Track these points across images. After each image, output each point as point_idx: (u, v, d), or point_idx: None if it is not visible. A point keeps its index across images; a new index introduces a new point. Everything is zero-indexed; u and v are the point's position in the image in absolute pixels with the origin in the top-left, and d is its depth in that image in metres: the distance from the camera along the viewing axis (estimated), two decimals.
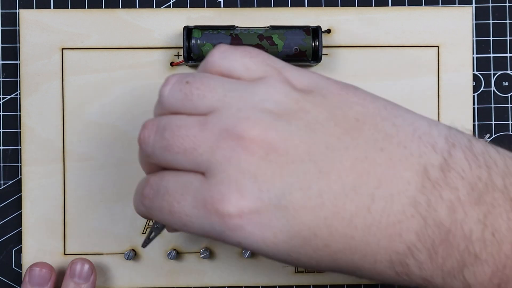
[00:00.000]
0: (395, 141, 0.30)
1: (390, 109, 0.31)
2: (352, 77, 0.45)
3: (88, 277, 0.43)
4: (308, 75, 0.32)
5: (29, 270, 0.43)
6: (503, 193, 0.29)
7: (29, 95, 0.44)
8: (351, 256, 0.30)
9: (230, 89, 0.31)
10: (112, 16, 0.45)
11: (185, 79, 0.31)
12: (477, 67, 0.46)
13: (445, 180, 0.29)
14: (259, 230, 0.29)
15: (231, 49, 0.32)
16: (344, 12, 0.45)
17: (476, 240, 0.29)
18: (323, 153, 0.30)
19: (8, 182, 0.45)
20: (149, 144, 0.32)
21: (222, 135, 0.30)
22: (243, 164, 0.29)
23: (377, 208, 0.29)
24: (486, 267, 0.29)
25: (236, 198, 0.29)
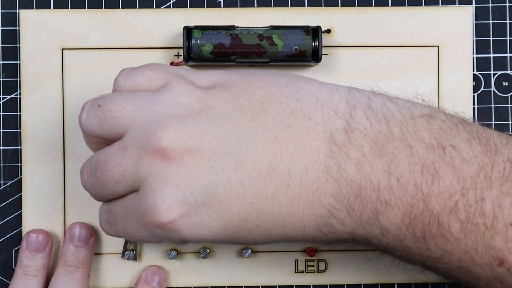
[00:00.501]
0: (300, 115, 0.32)
1: (291, 85, 0.34)
2: (352, 77, 0.45)
3: (88, 240, 0.43)
4: (210, 73, 0.35)
5: (26, 237, 0.43)
6: (401, 141, 0.32)
7: (29, 95, 0.44)
8: (282, 229, 0.33)
9: (138, 104, 0.33)
10: (112, 16, 0.45)
11: (97, 102, 0.34)
12: (477, 67, 0.46)
13: (350, 141, 0.32)
14: (195, 229, 0.32)
15: (132, 69, 0.35)
16: (344, 12, 0.45)
17: (384, 188, 0.32)
18: (235, 144, 0.32)
19: (8, 182, 0.45)
20: (90, 187, 0.35)
21: (140, 153, 0.32)
22: (163, 174, 0.31)
23: (295, 182, 0.32)
24: (396, 209, 0.32)
25: (164, 209, 0.31)
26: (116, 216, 0.34)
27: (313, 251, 0.45)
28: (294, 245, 0.45)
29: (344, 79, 0.45)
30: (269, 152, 0.32)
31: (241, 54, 0.42)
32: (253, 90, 0.33)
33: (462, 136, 0.33)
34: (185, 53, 0.42)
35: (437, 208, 0.32)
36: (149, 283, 0.43)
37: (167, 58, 0.45)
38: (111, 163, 0.33)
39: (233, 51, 0.42)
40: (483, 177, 0.32)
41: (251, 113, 0.32)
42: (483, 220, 0.32)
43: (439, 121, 0.33)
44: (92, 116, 0.34)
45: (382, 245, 0.34)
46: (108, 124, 0.33)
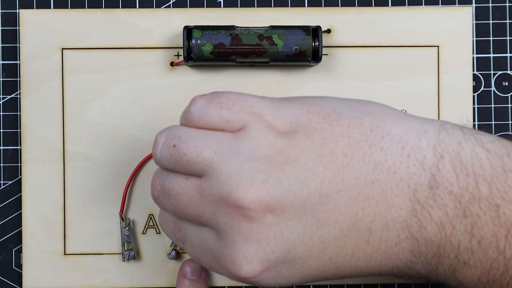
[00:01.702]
0: (385, 168, 0.31)
1: (376, 129, 0.32)
2: (352, 77, 0.45)
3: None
4: (288, 112, 0.33)
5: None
6: (488, 201, 0.31)
7: (29, 95, 0.44)
8: (357, 274, 0.33)
9: (216, 151, 0.32)
10: (112, 16, 0.45)
11: (172, 141, 0.33)
12: (477, 67, 0.46)
13: (434, 198, 0.31)
14: (273, 281, 0.32)
15: (206, 103, 0.33)
16: (344, 12, 0.45)
17: (464, 249, 0.31)
18: (317, 203, 0.31)
19: (8, 182, 0.45)
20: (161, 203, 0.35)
21: (219, 203, 0.32)
22: (244, 230, 0.31)
23: (375, 238, 0.32)
24: (474, 270, 0.32)
25: (245, 265, 0.31)
26: (188, 239, 0.34)
27: None
28: None
29: (344, 79, 0.45)
30: (351, 210, 0.31)
31: (241, 54, 0.42)
32: (335, 138, 0.32)
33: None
34: (185, 53, 0.42)
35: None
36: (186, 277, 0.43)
37: (167, 58, 0.45)
38: (186, 199, 0.33)
39: (233, 51, 0.42)
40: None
41: (334, 169, 0.31)
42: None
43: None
44: (167, 155, 0.33)
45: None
46: (184, 166, 0.33)
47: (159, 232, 0.45)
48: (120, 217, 0.44)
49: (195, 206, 0.32)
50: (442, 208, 0.31)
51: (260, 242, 0.31)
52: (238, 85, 0.45)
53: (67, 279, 0.44)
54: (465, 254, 0.31)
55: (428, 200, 0.31)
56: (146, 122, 0.45)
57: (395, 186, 0.31)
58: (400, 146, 0.32)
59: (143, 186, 0.45)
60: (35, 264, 0.44)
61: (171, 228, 0.36)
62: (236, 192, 0.31)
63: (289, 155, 0.31)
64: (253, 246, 0.31)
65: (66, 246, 0.45)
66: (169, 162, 0.33)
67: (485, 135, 0.33)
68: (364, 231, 0.31)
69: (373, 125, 0.32)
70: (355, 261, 0.32)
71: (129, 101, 0.45)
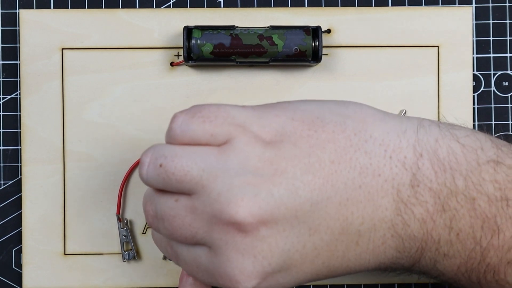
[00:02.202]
0: (370, 172, 0.32)
1: (359, 133, 0.33)
2: (352, 77, 0.45)
3: None
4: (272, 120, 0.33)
5: None
6: (464, 194, 0.32)
7: (29, 95, 0.44)
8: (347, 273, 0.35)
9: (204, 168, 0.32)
10: (112, 16, 0.45)
11: (158, 161, 0.33)
12: (477, 67, 0.46)
13: (415, 196, 0.32)
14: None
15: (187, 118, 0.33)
16: (344, 12, 0.45)
17: (444, 242, 0.33)
18: (309, 211, 0.32)
19: (8, 182, 0.45)
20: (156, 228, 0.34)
21: (212, 220, 0.32)
22: (239, 245, 0.31)
23: (364, 239, 0.33)
24: (454, 260, 0.33)
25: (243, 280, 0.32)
26: (181, 258, 0.34)
27: None
28: None
29: (344, 79, 0.45)
30: (341, 215, 0.32)
31: (241, 54, 0.42)
32: (322, 144, 0.32)
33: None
34: (185, 53, 0.42)
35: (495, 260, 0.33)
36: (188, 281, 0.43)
37: (167, 58, 0.45)
38: (179, 221, 0.33)
39: (233, 51, 0.42)
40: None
41: (323, 176, 0.32)
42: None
43: (506, 168, 0.33)
44: (154, 175, 0.33)
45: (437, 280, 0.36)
46: (173, 185, 0.32)
47: None
48: (117, 217, 0.44)
49: (189, 227, 0.32)
50: (423, 205, 0.32)
51: (256, 256, 0.32)
52: (238, 85, 0.45)
53: (67, 279, 0.44)
54: (445, 247, 0.33)
55: (410, 198, 0.32)
56: (146, 122, 0.45)
57: (380, 188, 0.32)
58: (382, 148, 0.33)
59: (142, 186, 0.45)
60: (35, 264, 0.44)
61: (164, 247, 0.36)
62: (227, 209, 0.31)
63: (278, 166, 0.32)
64: (250, 261, 0.32)
65: (66, 246, 0.45)
66: (157, 182, 0.33)
67: (460, 129, 0.34)
68: (354, 234, 0.32)
69: (356, 129, 0.33)
70: (346, 262, 0.33)
71: (129, 101, 0.45)
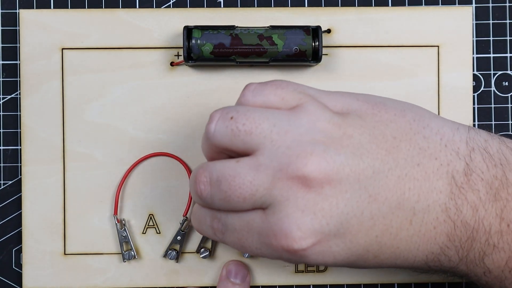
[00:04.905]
0: (427, 153, 0.34)
1: (418, 120, 0.34)
2: (352, 77, 0.45)
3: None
4: (340, 98, 0.35)
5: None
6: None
7: (29, 95, 0.44)
8: (394, 260, 0.34)
9: (275, 123, 0.32)
10: (112, 16, 0.45)
11: (228, 114, 0.33)
12: (477, 67, 0.46)
13: (468, 183, 0.33)
14: (321, 256, 0.33)
15: (261, 85, 0.34)
16: (344, 12, 0.45)
17: (495, 232, 0.33)
18: (371, 178, 0.32)
19: (8, 182, 0.45)
20: (207, 197, 0.34)
21: (276, 176, 0.32)
22: (300, 201, 0.32)
23: (417, 219, 0.33)
24: (503, 253, 0.34)
25: (299, 236, 0.32)
26: (230, 227, 0.34)
27: None
28: None
29: (344, 79, 0.45)
30: (399, 188, 0.33)
31: (241, 54, 0.42)
32: (385, 122, 0.34)
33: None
34: (185, 53, 0.42)
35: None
36: (229, 279, 0.44)
37: (167, 58, 0.45)
38: (240, 180, 0.33)
39: (233, 51, 0.42)
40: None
41: (386, 148, 0.33)
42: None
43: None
44: (222, 127, 0.33)
45: (480, 282, 0.36)
46: (240, 138, 0.33)
47: (159, 232, 0.45)
48: (115, 218, 0.44)
49: (249, 185, 0.32)
50: (475, 193, 0.33)
51: (315, 213, 0.32)
52: (238, 85, 0.45)
53: (67, 279, 0.44)
54: (495, 237, 0.33)
55: (463, 185, 0.33)
56: (146, 122, 0.45)
57: (436, 171, 0.33)
58: (438, 137, 0.34)
59: (143, 186, 0.45)
60: (35, 264, 0.44)
61: (208, 222, 0.36)
62: (296, 162, 0.31)
63: (345, 131, 0.33)
64: (308, 217, 0.32)
65: (66, 246, 0.45)
66: (224, 136, 0.33)
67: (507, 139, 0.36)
68: (408, 210, 0.33)
69: (415, 117, 0.35)
70: (397, 242, 0.33)
71: (129, 101, 0.45)
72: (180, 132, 0.45)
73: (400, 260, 0.34)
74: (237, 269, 0.44)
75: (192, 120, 0.45)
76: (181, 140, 0.45)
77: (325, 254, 0.33)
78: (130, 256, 0.44)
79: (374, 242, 0.33)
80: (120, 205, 0.45)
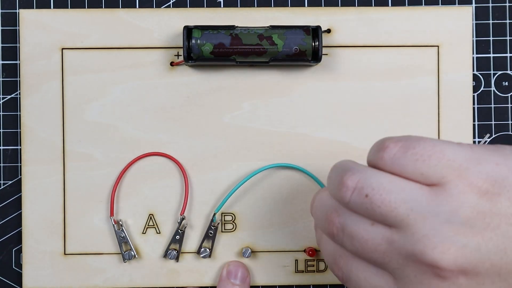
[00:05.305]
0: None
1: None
2: (352, 77, 0.45)
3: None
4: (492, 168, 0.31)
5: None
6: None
7: (29, 95, 0.44)
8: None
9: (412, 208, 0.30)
10: (112, 16, 0.45)
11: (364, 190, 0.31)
12: (477, 67, 0.46)
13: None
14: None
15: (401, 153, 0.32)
16: (344, 12, 0.45)
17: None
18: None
19: (8, 182, 0.45)
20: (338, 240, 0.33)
21: (410, 258, 0.31)
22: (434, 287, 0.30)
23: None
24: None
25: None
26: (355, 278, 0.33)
27: (313, 251, 0.45)
28: (294, 245, 0.45)
29: (344, 79, 0.45)
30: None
31: (241, 54, 0.42)
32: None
33: None
34: (185, 53, 0.42)
35: None
36: (229, 280, 0.44)
37: (167, 58, 0.45)
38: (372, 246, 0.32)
39: (233, 50, 0.42)
40: None
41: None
42: None
43: None
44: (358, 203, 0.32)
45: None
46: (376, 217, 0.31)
47: (159, 232, 0.45)
48: (111, 219, 0.44)
49: (382, 254, 0.31)
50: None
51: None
52: (238, 85, 0.45)
53: (67, 279, 0.44)
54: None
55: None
56: (146, 122, 0.45)
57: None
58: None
59: (143, 186, 0.45)
60: (35, 264, 0.44)
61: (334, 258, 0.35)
62: (432, 254, 0.30)
63: (491, 221, 0.30)
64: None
65: (66, 246, 0.45)
66: (359, 209, 0.32)
67: None
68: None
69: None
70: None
71: (129, 101, 0.45)
72: (180, 132, 0.45)
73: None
74: (237, 270, 0.44)
75: (192, 120, 0.45)
76: (180, 140, 0.45)
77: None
78: (130, 256, 0.44)
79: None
80: (120, 205, 0.45)
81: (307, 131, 0.45)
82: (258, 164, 0.45)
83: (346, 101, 0.45)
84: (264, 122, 0.45)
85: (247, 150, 0.45)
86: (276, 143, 0.45)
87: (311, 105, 0.45)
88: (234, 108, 0.45)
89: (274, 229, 0.45)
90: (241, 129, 0.45)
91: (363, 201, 0.31)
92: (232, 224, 0.45)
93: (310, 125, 0.45)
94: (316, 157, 0.44)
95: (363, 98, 0.45)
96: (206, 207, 0.45)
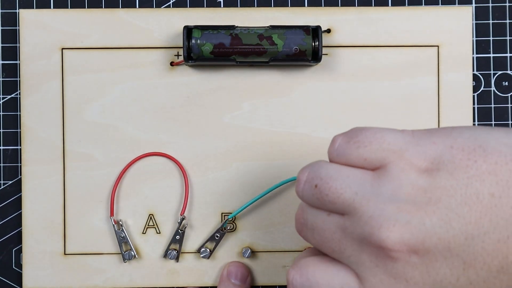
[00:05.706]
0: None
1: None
2: (352, 77, 0.45)
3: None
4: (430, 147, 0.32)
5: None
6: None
7: (29, 95, 0.44)
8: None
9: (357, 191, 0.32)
10: (112, 16, 0.45)
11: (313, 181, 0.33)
12: (477, 67, 0.46)
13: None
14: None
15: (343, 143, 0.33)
16: (344, 12, 0.45)
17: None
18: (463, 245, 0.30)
19: (8, 182, 0.45)
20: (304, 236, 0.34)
21: (362, 241, 0.31)
22: (390, 269, 0.31)
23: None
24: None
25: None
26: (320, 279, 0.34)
27: None
28: (294, 245, 0.45)
29: (344, 79, 0.45)
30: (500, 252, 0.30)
31: (241, 54, 0.42)
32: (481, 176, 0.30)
33: None
34: (185, 53, 0.42)
35: None
36: (230, 280, 0.44)
37: (167, 58, 0.45)
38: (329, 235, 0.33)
39: (233, 50, 0.42)
40: None
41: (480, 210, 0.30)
42: None
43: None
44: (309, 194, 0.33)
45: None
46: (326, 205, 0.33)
47: (159, 232, 0.45)
48: (111, 220, 0.44)
49: (338, 242, 0.32)
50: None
51: (408, 281, 0.31)
52: (238, 85, 0.45)
53: (67, 279, 0.44)
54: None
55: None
56: (146, 122, 0.45)
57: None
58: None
59: (143, 186, 0.45)
60: (35, 264, 0.44)
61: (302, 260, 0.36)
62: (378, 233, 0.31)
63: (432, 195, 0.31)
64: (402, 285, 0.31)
65: (66, 246, 0.45)
66: (312, 200, 0.33)
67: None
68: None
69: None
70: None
71: (129, 101, 0.45)
72: (180, 132, 0.45)
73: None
74: (237, 270, 0.44)
75: (191, 120, 0.45)
76: (180, 140, 0.45)
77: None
78: (130, 256, 0.44)
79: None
80: (120, 205, 0.45)
81: (307, 131, 0.45)
82: (258, 164, 0.45)
83: (346, 101, 0.45)
84: (264, 122, 0.45)
85: (247, 150, 0.45)
86: (276, 143, 0.45)
87: (311, 105, 0.45)
88: (234, 108, 0.45)
89: (274, 229, 0.45)
90: (241, 129, 0.45)
91: (314, 191, 0.33)
92: (232, 224, 0.45)
93: (310, 125, 0.45)
94: (316, 157, 0.44)
95: (363, 98, 0.45)
96: (206, 207, 0.45)
